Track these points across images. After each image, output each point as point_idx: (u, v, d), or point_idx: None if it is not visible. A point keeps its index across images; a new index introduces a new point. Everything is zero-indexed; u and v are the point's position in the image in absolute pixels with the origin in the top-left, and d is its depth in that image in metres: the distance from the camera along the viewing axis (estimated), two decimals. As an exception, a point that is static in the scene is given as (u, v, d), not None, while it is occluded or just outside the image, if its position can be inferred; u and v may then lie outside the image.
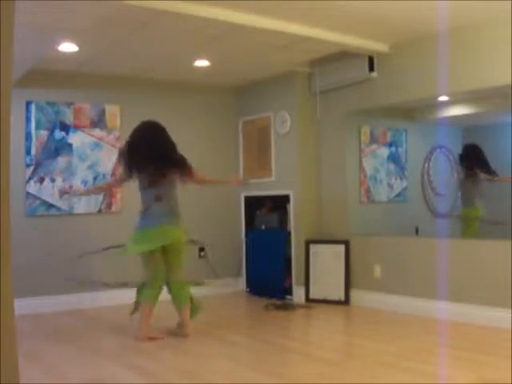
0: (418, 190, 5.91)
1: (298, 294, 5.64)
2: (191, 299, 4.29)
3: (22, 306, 4.75)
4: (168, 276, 4.20)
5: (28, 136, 5.28)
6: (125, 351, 3.86)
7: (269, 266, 5.96)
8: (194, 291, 6.01)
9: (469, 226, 5.71)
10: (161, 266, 4.16)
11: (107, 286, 5.06)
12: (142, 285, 4.21)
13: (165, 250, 4.17)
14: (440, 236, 4.81)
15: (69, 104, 5.49)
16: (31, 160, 5.29)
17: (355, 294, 5.35)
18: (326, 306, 5.32)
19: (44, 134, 5.36)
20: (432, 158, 5.97)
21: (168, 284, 4.23)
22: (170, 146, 4.20)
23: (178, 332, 4.26)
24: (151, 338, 4.10)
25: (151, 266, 4.13)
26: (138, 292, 4.27)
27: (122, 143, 5.52)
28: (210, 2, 3.88)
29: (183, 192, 6.05)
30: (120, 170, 4.31)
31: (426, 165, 5.96)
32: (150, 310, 4.16)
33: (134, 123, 4.24)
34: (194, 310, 4.32)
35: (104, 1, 3.52)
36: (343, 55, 5.15)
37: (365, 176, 5.79)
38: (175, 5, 3.82)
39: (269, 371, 3.39)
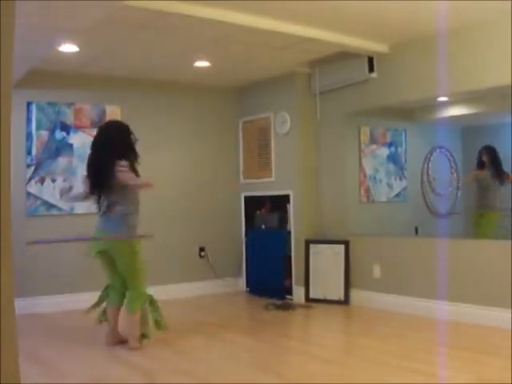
0: (417, 190, 5.91)
1: (298, 294, 5.65)
2: (143, 317, 3.98)
3: (22, 305, 4.75)
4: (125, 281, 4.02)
5: (29, 136, 5.29)
6: (125, 351, 3.86)
7: (269, 265, 5.96)
8: (195, 292, 6.04)
9: (490, 229, 5.61)
10: (113, 275, 4.03)
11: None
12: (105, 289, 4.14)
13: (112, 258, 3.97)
14: (440, 236, 4.81)
15: (69, 104, 5.50)
16: (32, 160, 5.30)
17: (355, 294, 5.36)
18: (326, 306, 5.33)
19: (45, 134, 5.36)
20: (431, 158, 5.98)
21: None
22: (98, 155, 3.94)
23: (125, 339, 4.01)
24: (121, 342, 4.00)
25: (105, 271, 4.07)
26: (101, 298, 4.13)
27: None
28: (210, 3, 3.88)
29: (182, 192, 6.08)
30: None
31: (426, 165, 5.96)
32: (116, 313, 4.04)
33: (134, 124, 4.23)
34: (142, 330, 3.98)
35: (104, 1, 3.52)
36: (343, 56, 5.15)
37: (364, 176, 5.79)
38: (175, 5, 3.82)
39: (269, 371, 3.39)
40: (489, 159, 5.61)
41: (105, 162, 3.88)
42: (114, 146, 3.93)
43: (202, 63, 5.35)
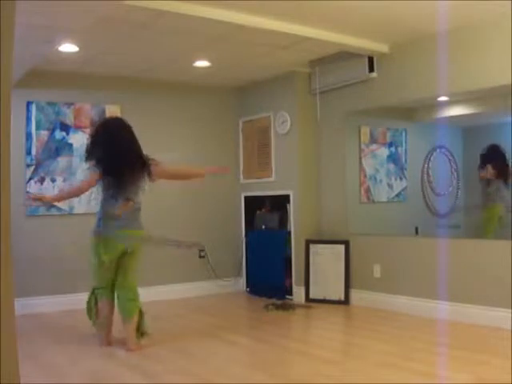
0: (417, 190, 5.91)
1: (298, 294, 5.65)
2: (141, 315, 3.98)
3: (22, 305, 4.75)
4: (118, 282, 3.95)
5: (28, 136, 5.28)
6: (124, 351, 3.86)
7: (269, 265, 5.96)
8: (195, 292, 6.04)
9: (490, 224, 5.62)
10: (110, 275, 3.93)
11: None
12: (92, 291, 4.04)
13: (122, 254, 3.91)
14: (440, 236, 4.81)
15: (69, 104, 5.50)
16: (32, 160, 5.30)
17: (355, 294, 5.36)
18: (326, 306, 5.32)
19: (44, 134, 5.36)
20: (432, 158, 5.97)
21: (117, 292, 3.98)
22: (132, 146, 3.92)
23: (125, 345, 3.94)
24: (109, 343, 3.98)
25: (102, 273, 3.92)
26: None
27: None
28: (211, 3, 3.88)
29: (182, 192, 6.08)
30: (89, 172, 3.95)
31: (426, 165, 5.95)
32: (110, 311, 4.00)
33: (134, 124, 4.22)
34: (141, 329, 3.97)
35: (104, 1, 3.52)
36: (343, 55, 5.15)
37: (365, 176, 5.78)
38: (175, 5, 3.82)
39: (269, 371, 3.39)
40: (480, 158, 5.62)
41: (140, 158, 3.91)
42: (137, 141, 3.96)
43: (201, 63, 5.35)
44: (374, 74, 5.15)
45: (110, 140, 3.87)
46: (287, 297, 5.75)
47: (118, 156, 3.83)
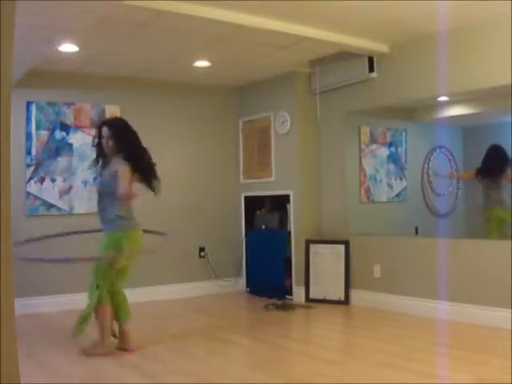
0: (417, 190, 5.91)
1: (298, 294, 5.65)
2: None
3: (22, 306, 4.75)
4: (118, 282, 3.89)
5: (28, 136, 5.28)
6: (124, 352, 3.85)
7: (269, 265, 5.96)
8: (195, 292, 6.04)
9: (493, 226, 5.60)
10: (113, 276, 3.84)
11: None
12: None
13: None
14: (440, 236, 4.81)
15: (69, 104, 5.50)
16: (32, 160, 5.30)
17: (355, 294, 5.36)
18: (326, 306, 5.32)
19: (44, 134, 5.36)
20: (432, 158, 5.98)
21: (115, 292, 3.89)
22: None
23: (122, 346, 3.87)
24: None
25: (109, 275, 3.80)
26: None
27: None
28: (211, 3, 3.88)
29: (183, 193, 6.08)
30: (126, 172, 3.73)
31: (426, 165, 5.96)
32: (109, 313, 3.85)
33: (134, 123, 4.21)
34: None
35: (104, 1, 3.52)
36: (343, 55, 5.15)
37: (365, 176, 5.78)
38: (175, 5, 3.82)
39: (269, 371, 3.39)
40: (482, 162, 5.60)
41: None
42: None
43: (201, 63, 5.35)
44: (374, 74, 5.15)
45: (138, 142, 3.92)
46: (287, 297, 5.75)
47: (146, 158, 3.90)
